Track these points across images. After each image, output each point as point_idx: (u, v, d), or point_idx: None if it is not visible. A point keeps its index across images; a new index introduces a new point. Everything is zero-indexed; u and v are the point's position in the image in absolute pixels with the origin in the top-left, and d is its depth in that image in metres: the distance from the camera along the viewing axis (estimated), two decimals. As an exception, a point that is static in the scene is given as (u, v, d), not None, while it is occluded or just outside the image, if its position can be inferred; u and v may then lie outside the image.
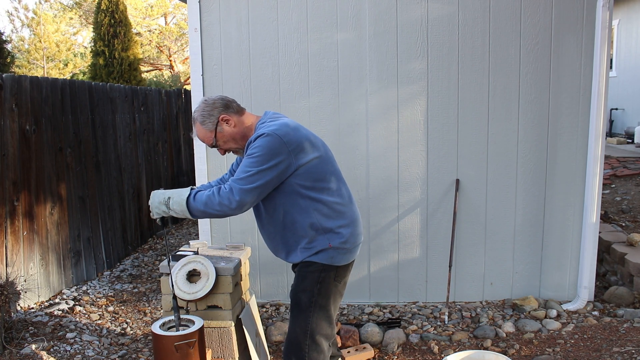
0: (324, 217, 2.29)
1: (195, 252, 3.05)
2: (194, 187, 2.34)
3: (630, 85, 10.21)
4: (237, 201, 2.17)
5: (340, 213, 2.33)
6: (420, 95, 3.81)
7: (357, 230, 2.39)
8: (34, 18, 15.74)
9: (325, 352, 2.37)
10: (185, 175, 7.27)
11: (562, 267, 3.87)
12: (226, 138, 2.35)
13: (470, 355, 2.73)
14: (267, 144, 2.18)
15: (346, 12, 3.78)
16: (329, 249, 2.30)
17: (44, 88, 4.25)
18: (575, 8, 3.64)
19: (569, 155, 3.77)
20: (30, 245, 4.06)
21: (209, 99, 2.38)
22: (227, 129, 2.34)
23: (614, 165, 7.23)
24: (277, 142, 2.18)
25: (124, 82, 9.13)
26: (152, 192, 2.35)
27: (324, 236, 2.30)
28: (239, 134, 2.35)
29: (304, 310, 2.35)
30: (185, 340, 2.58)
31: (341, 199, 2.35)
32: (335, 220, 2.31)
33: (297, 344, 2.35)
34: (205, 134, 2.36)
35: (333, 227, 2.30)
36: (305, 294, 2.35)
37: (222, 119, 2.33)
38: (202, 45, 3.86)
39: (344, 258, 2.34)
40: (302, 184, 2.26)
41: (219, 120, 2.33)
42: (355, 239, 2.37)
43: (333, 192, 2.32)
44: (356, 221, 2.40)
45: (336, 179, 2.37)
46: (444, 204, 3.87)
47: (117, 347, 3.49)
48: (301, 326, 2.35)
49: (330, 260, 2.31)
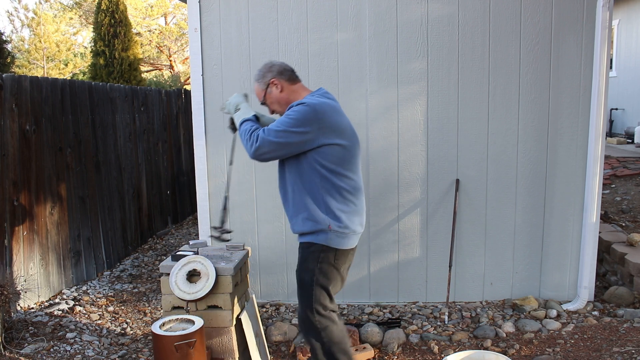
0: (330, 197, 2.46)
1: (195, 252, 3.05)
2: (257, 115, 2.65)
3: (630, 85, 10.21)
4: (257, 147, 2.40)
5: (345, 200, 2.49)
6: (420, 95, 3.81)
7: (357, 220, 2.54)
8: (34, 18, 15.74)
9: (334, 319, 2.54)
10: (186, 175, 7.27)
11: (562, 267, 3.87)
12: (272, 99, 2.62)
13: (470, 355, 2.73)
14: (303, 111, 2.39)
15: (346, 12, 3.78)
16: (328, 231, 2.46)
17: (44, 88, 4.25)
18: (575, 8, 3.64)
19: (569, 155, 3.77)
20: (30, 245, 4.06)
21: (270, 62, 2.68)
22: (275, 92, 2.60)
23: (614, 165, 7.23)
24: (312, 114, 2.38)
25: (124, 82, 9.13)
26: (235, 94, 2.74)
27: (325, 216, 2.46)
28: (284, 99, 2.59)
29: (307, 289, 2.52)
30: (185, 340, 2.58)
31: (351, 188, 2.51)
32: (339, 204, 2.47)
33: (307, 320, 2.54)
34: (258, 91, 2.67)
35: (334, 209, 2.46)
36: (307, 273, 2.52)
37: (272, 82, 2.59)
38: (202, 45, 3.86)
39: (342, 242, 2.49)
40: (321, 163, 2.43)
41: (270, 83, 2.60)
42: (354, 227, 2.52)
43: (345, 180, 2.48)
44: (359, 212, 2.55)
45: (353, 170, 2.53)
46: (444, 204, 3.87)
47: (117, 347, 3.49)
48: (306, 303, 2.53)
49: (329, 241, 2.47)
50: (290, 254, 4.02)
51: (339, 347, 2.54)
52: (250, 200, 3.99)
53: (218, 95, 3.91)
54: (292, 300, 4.08)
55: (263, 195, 3.98)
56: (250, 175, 3.97)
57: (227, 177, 3.09)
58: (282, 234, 4.01)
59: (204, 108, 3.90)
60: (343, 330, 2.59)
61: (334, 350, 2.53)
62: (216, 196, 4.00)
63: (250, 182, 3.98)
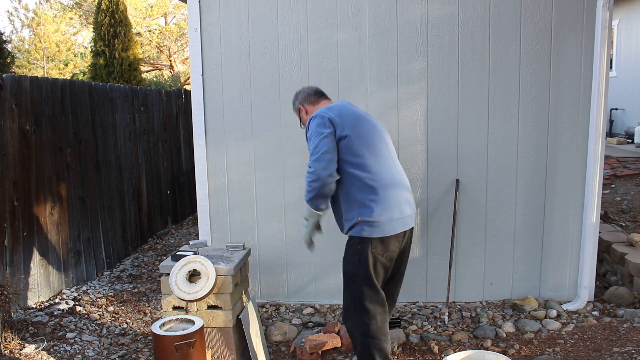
0: (356, 188, 2.63)
1: (195, 252, 3.05)
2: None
3: (630, 85, 10.21)
4: (312, 172, 2.59)
5: (371, 188, 2.61)
6: (420, 95, 3.81)
7: (389, 205, 2.62)
8: (34, 18, 15.74)
9: (375, 315, 2.63)
10: (185, 175, 7.27)
11: (562, 267, 3.87)
12: (305, 121, 2.96)
13: (470, 355, 2.73)
14: (314, 122, 2.68)
15: (346, 12, 3.78)
16: (359, 223, 2.61)
17: (44, 88, 4.25)
18: (575, 8, 3.64)
19: (569, 155, 3.77)
20: (30, 245, 4.06)
21: (301, 89, 3.05)
22: (303, 116, 2.99)
23: (614, 165, 7.22)
24: (320, 119, 2.67)
25: (124, 82, 9.13)
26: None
27: (357, 210, 2.62)
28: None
29: (349, 280, 2.68)
30: (185, 340, 2.58)
31: (374, 175, 2.64)
32: (366, 194, 2.61)
33: (348, 310, 2.70)
34: (295, 114, 3.08)
35: (363, 200, 2.61)
36: (348, 265, 2.69)
37: (299, 109, 3.00)
38: (202, 45, 3.86)
39: (375, 231, 2.60)
40: (343, 158, 2.64)
41: (298, 109, 3.01)
42: (387, 214, 2.61)
43: (367, 168, 2.64)
44: (389, 198, 2.64)
45: (373, 156, 2.68)
46: (444, 204, 3.87)
47: (117, 347, 3.49)
48: (350, 294, 2.68)
49: (362, 232, 2.61)
50: (290, 254, 4.02)
51: (374, 342, 2.63)
52: (250, 200, 3.99)
53: (218, 95, 3.91)
54: (292, 300, 4.08)
55: (263, 195, 3.98)
56: (250, 176, 3.97)
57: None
58: (282, 234, 4.01)
59: (204, 108, 3.90)
60: (382, 328, 2.66)
61: (368, 344, 2.63)
62: (216, 196, 4.00)
63: (250, 182, 3.98)
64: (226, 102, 3.92)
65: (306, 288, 4.06)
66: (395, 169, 2.75)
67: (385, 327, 2.68)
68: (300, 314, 3.89)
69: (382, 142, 2.77)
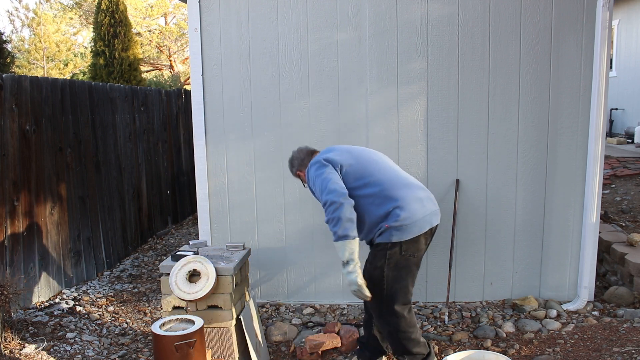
0: (375, 206, 2.72)
1: (195, 252, 3.05)
2: None
3: (630, 85, 10.21)
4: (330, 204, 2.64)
5: (388, 197, 2.71)
6: (420, 95, 3.81)
7: (412, 207, 2.71)
8: (34, 18, 15.74)
9: (403, 314, 2.76)
10: (185, 175, 7.27)
11: (562, 267, 3.87)
12: (304, 180, 3.04)
13: (470, 355, 2.73)
14: (312, 170, 2.83)
15: (346, 12, 3.78)
16: (387, 229, 2.69)
17: (44, 88, 4.25)
18: (575, 8, 3.64)
19: (569, 155, 3.77)
20: (30, 245, 4.06)
21: (292, 154, 3.13)
22: (304, 177, 3.04)
23: (614, 165, 7.22)
24: (315, 165, 2.81)
25: (124, 82, 9.12)
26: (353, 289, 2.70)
27: (384, 221, 2.70)
28: None
29: (377, 284, 2.73)
30: (185, 340, 2.58)
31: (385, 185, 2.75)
32: (386, 205, 2.70)
33: (380, 313, 2.80)
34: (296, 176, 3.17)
35: (386, 210, 2.70)
36: (376, 270, 2.74)
37: (298, 174, 3.12)
38: (202, 45, 3.86)
39: (404, 234, 2.69)
40: (351, 187, 2.73)
41: (297, 174, 3.12)
42: (412, 215, 2.70)
43: (375, 183, 2.75)
44: (408, 199, 2.73)
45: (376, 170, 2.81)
46: (444, 204, 3.87)
47: (117, 347, 3.49)
48: (377, 298, 2.74)
49: (391, 238, 2.69)
50: (290, 254, 4.02)
51: (405, 335, 2.79)
52: (250, 200, 3.99)
53: (218, 95, 3.91)
54: (292, 300, 4.08)
55: (263, 195, 3.98)
56: (250, 176, 3.97)
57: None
58: (282, 234, 4.01)
59: (204, 108, 3.90)
60: (411, 321, 2.80)
61: (400, 337, 2.80)
62: (216, 196, 4.00)
63: (250, 182, 3.98)
64: (226, 102, 3.92)
65: (306, 288, 4.06)
66: (401, 172, 2.90)
67: (413, 319, 2.82)
68: (300, 314, 3.89)
69: (378, 156, 2.94)
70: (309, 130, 3.88)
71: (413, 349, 2.82)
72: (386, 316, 2.77)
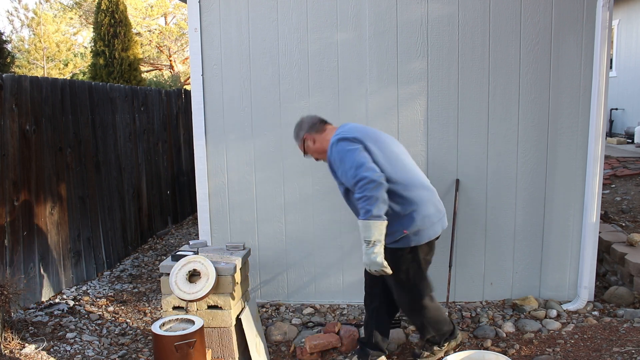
0: (392, 202, 2.72)
1: (195, 252, 3.05)
2: None
3: (630, 85, 10.21)
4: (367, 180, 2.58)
5: (405, 198, 2.75)
6: (420, 95, 3.81)
7: (427, 210, 2.80)
8: (34, 18, 15.74)
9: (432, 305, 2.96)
10: (185, 175, 7.27)
11: (562, 267, 3.87)
12: (311, 151, 2.99)
13: (470, 355, 2.73)
14: (341, 145, 2.74)
15: (346, 12, 3.78)
16: (405, 236, 2.77)
17: (44, 88, 4.25)
18: (575, 8, 3.64)
19: (569, 155, 3.77)
20: (30, 245, 4.06)
21: (302, 118, 3.04)
22: (310, 145, 2.97)
23: (614, 165, 7.22)
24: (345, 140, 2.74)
25: (124, 82, 9.12)
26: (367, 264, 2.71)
27: (399, 223, 2.74)
28: (320, 149, 2.94)
29: (405, 286, 2.89)
30: (185, 340, 2.58)
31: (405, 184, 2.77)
32: (403, 206, 2.75)
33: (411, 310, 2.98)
34: (298, 145, 3.06)
35: (402, 212, 2.75)
36: (401, 274, 2.85)
37: (305, 138, 2.97)
38: (202, 45, 3.86)
39: (422, 238, 2.80)
40: None
41: (304, 139, 2.98)
42: (429, 219, 2.80)
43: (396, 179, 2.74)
44: (425, 203, 2.81)
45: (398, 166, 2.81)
46: (444, 204, 3.82)
47: (117, 347, 3.49)
48: (408, 298, 2.93)
49: (410, 243, 2.79)
50: (290, 254, 4.02)
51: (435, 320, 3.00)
52: (250, 200, 3.99)
53: (218, 95, 3.91)
54: (292, 300, 4.08)
55: (263, 195, 3.98)
56: (250, 176, 3.97)
57: None
58: (282, 234, 4.01)
59: (204, 108, 3.90)
60: (437, 308, 3.01)
61: (431, 322, 2.99)
62: (216, 196, 4.00)
63: (250, 182, 3.98)
64: (226, 102, 3.92)
65: (306, 288, 4.06)
66: (417, 171, 2.94)
67: (437, 302, 3.02)
68: (300, 314, 3.89)
69: (401, 151, 2.94)
70: (309, 130, 3.88)
71: (443, 328, 3.04)
72: (417, 311, 2.96)
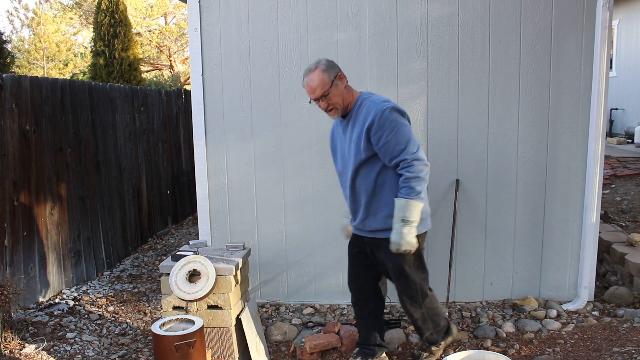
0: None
1: (195, 252, 3.06)
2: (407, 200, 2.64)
3: (630, 85, 10.21)
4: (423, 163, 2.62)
5: None
6: (420, 95, 3.81)
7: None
8: (34, 18, 15.75)
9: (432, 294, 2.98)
10: (185, 175, 7.27)
11: (562, 267, 3.87)
12: (336, 93, 2.68)
13: (470, 355, 2.73)
14: (395, 114, 2.63)
15: (346, 12, 3.78)
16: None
17: (44, 88, 4.25)
18: (575, 8, 3.64)
19: (569, 155, 3.77)
20: (30, 245, 4.06)
21: (322, 59, 2.72)
22: (340, 86, 2.70)
23: (614, 165, 7.23)
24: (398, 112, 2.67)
25: (124, 82, 9.13)
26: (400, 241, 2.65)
27: None
28: (345, 95, 2.73)
29: (408, 277, 2.85)
30: (185, 340, 2.58)
31: None
32: None
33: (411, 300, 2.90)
34: (323, 81, 2.64)
35: None
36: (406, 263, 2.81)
37: (340, 76, 2.70)
38: (202, 45, 3.86)
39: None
40: None
41: (337, 76, 2.68)
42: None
43: None
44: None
45: None
46: (444, 204, 3.87)
47: (117, 347, 3.49)
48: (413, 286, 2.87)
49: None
50: (290, 254, 4.02)
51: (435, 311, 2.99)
52: (250, 200, 3.99)
53: (218, 95, 3.91)
54: (292, 300, 4.08)
55: (263, 196, 3.98)
56: (250, 176, 3.97)
57: None
58: (282, 234, 4.01)
59: (204, 108, 3.90)
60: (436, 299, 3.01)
61: (430, 315, 2.98)
62: (216, 196, 4.00)
63: (250, 182, 3.98)
64: (226, 102, 3.92)
65: (306, 288, 4.06)
66: None
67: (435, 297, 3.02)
68: (300, 314, 3.89)
69: None
70: (309, 130, 3.88)
71: (441, 323, 3.04)
72: (421, 301, 2.93)
